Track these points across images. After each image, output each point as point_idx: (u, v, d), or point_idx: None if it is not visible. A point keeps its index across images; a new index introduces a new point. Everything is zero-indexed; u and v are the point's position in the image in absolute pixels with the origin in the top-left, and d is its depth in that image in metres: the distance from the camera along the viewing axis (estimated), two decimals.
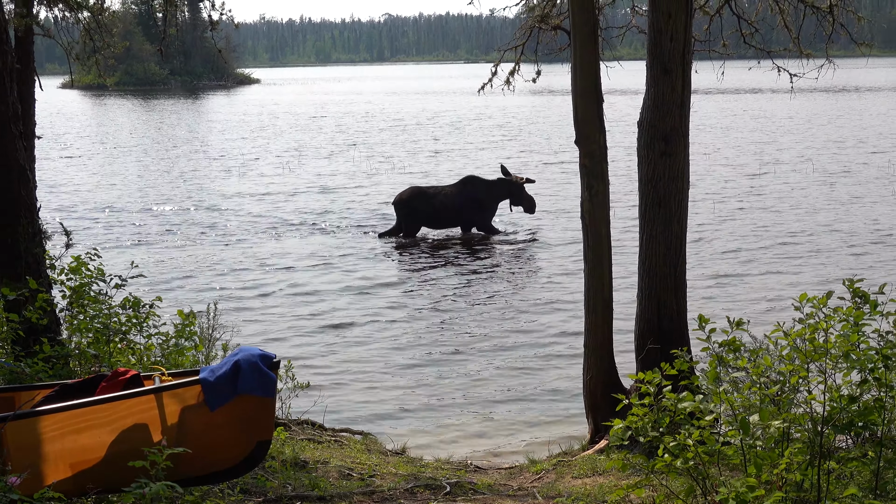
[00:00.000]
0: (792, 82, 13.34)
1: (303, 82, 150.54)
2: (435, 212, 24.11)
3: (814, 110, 61.90)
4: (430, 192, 24.45)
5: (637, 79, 10.51)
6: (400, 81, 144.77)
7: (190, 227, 26.10)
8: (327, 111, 75.01)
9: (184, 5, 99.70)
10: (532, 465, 9.98)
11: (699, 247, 22.06)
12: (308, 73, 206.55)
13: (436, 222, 24.43)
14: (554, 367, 14.51)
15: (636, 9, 13.27)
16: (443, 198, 24.15)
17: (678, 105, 9.91)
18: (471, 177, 25.38)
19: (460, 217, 24.36)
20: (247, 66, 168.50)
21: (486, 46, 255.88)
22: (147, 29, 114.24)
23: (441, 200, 24.10)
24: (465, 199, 24.17)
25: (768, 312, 16.19)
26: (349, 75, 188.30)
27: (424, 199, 24.13)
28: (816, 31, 13.00)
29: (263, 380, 6.89)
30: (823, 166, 35.22)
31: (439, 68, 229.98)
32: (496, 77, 13.33)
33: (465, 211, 24.25)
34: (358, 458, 9.68)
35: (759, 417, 6.08)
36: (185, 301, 17.34)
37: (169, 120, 68.20)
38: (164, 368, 7.86)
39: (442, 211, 24.08)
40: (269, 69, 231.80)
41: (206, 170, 38.90)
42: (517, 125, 56.69)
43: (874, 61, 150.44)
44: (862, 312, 6.49)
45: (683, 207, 10.20)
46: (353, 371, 14.46)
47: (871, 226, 24.21)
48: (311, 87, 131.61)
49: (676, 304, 10.27)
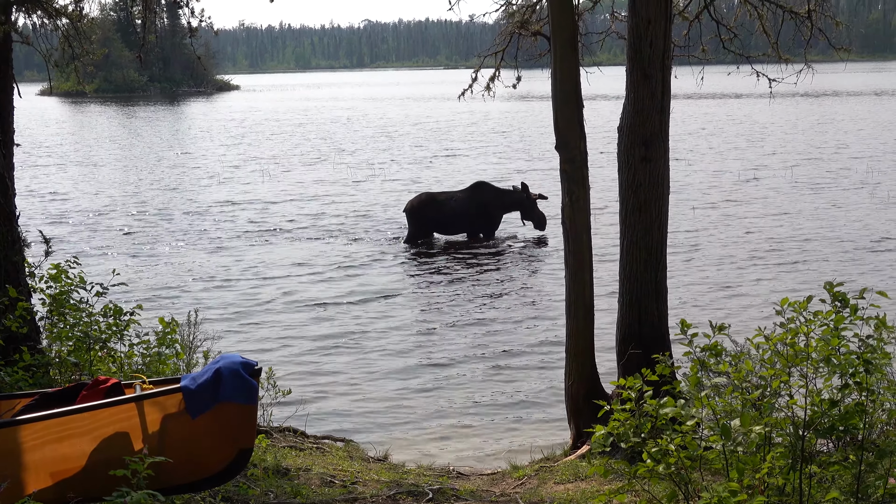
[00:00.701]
0: (771, 87, 13.38)
1: (283, 89, 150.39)
2: (446, 218, 24.21)
3: (795, 115, 62.14)
4: (442, 199, 24.53)
5: (617, 84, 10.52)
6: (381, 87, 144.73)
7: (172, 234, 26.04)
8: (311, 118, 74.86)
9: (163, 12, 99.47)
10: (514, 470, 9.99)
11: (688, 254, 22.12)
12: (288, 80, 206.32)
13: (447, 228, 24.55)
14: (536, 372, 14.53)
15: (616, 14, 13.29)
16: (454, 203, 24.27)
17: (658, 110, 9.93)
18: (481, 182, 25.46)
19: (471, 223, 24.40)
20: (226, 73, 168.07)
21: (466, 52, 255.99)
22: (126, 36, 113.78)
23: (452, 206, 24.21)
24: (475, 204, 24.26)
25: (755, 318, 16.21)
26: (329, 81, 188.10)
27: (436, 206, 24.23)
28: (795, 37, 13.04)
29: (245, 387, 6.86)
30: (807, 172, 35.27)
31: (419, 74, 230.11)
32: (476, 83, 13.32)
33: (474, 217, 24.31)
34: (340, 465, 9.67)
35: (740, 422, 6.09)
36: (168, 308, 17.31)
37: (149, 127, 68.00)
38: (145, 376, 7.83)
39: (453, 217, 24.21)
40: (249, 75, 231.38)
41: (187, 177, 38.80)
42: (501, 130, 56.72)
43: (852, 66, 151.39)
44: (842, 317, 6.50)
45: (664, 213, 10.22)
46: (335, 378, 14.44)
47: (859, 231, 24.25)
48: (291, 93, 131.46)
49: (657, 309, 10.28)
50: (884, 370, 8.01)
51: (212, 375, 6.81)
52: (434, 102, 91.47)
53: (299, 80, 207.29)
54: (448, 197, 24.65)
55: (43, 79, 78.84)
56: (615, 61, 10.20)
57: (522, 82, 14.17)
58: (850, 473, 6.37)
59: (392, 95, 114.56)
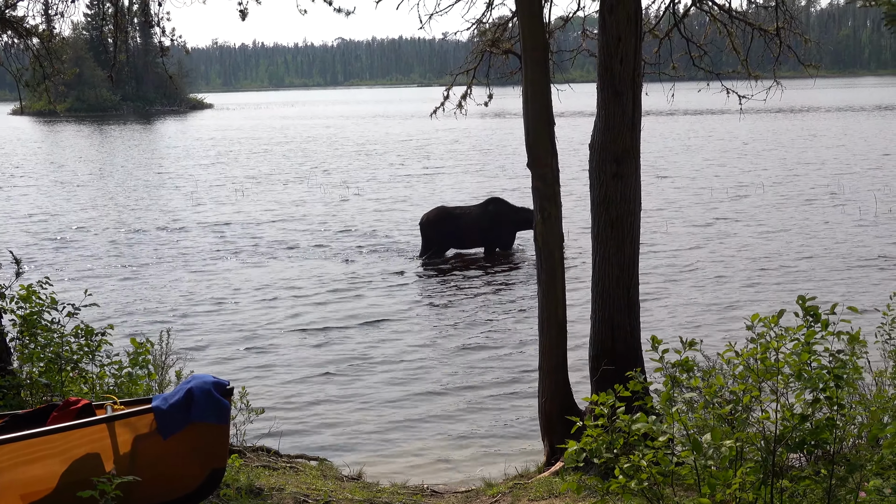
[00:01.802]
0: (741, 103, 13.48)
1: (256, 107, 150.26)
2: (461, 232, 24.28)
3: (767, 131, 62.52)
4: (457, 213, 24.63)
5: (589, 101, 10.55)
6: (356, 105, 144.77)
7: (147, 254, 25.91)
8: (288, 136, 74.79)
9: (135, 31, 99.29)
10: (488, 488, 9.97)
11: (671, 270, 22.20)
12: (262, 98, 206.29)
13: (462, 242, 24.63)
14: (511, 389, 14.53)
15: (587, 32, 13.36)
16: (468, 218, 24.37)
17: (629, 127, 9.97)
18: (496, 198, 25.60)
19: (485, 237, 24.45)
20: (199, 91, 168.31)
21: (440, 70, 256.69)
22: (98, 55, 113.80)
23: (466, 221, 24.30)
24: (488, 219, 24.34)
25: (736, 335, 16.28)
26: (303, 99, 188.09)
27: (451, 220, 24.34)
28: (765, 53, 13.14)
29: (217, 407, 6.84)
30: (785, 189, 35.37)
31: (394, 92, 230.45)
32: (449, 101, 13.36)
33: (489, 231, 24.39)
34: (313, 484, 9.63)
35: (711, 437, 6.11)
36: (141, 328, 17.25)
37: (124, 146, 67.82)
38: (117, 397, 7.80)
39: (468, 231, 24.29)
40: (223, 94, 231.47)
41: (163, 197, 38.69)
42: (483, 148, 56.82)
43: (823, 82, 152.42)
44: (813, 331, 6.53)
45: (636, 229, 10.26)
46: (309, 397, 14.40)
47: (842, 248, 24.29)
48: (265, 111, 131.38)
49: (630, 325, 10.31)
50: (855, 385, 8.06)
51: (183, 395, 6.78)
52: (414, 120, 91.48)
53: (273, 98, 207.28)
54: (463, 211, 24.78)
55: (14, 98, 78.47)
56: (589, 78, 10.25)
57: (497, 100, 14.22)
58: (821, 488, 6.40)
59: (368, 113, 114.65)
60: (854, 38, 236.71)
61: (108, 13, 11.02)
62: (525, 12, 10.10)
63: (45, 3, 11.48)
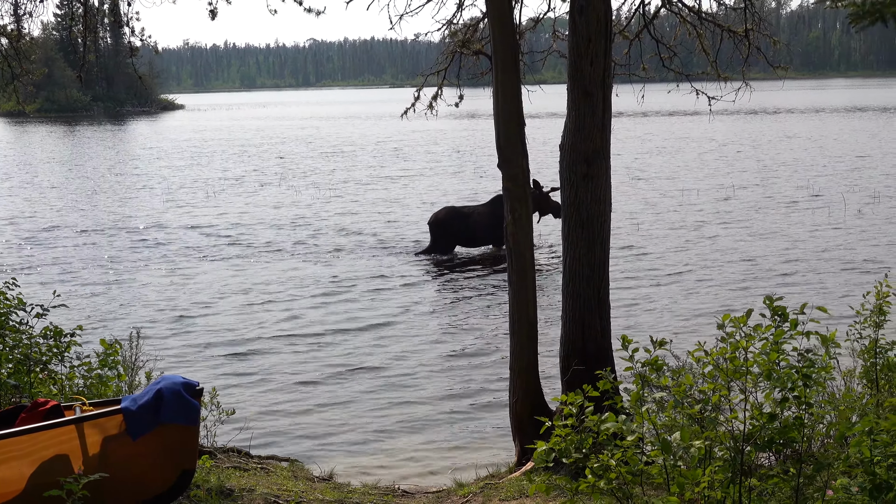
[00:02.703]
0: (710, 105, 13.54)
1: (228, 108, 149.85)
2: (470, 231, 24.33)
3: (743, 133, 62.85)
4: (465, 212, 24.75)
5: (561, 102, 10.59)
6: (329, 106, 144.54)
7: (118, 255, 25.79)
8: (264, 138, 74.53)
9: (105, 31, 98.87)
10: (459, 488, 9.98)
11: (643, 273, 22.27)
12: (233, 99, 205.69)
13: (470, 241, 24.70)
14: (483, 389, 14.54)
15: (557, 33, 13.39)
16: (477, 217, 24.47)
17: (599, 128, 10.00)
18: (501, 195, 25.60)
19: (493, 235, 24.51)
20: (171, 92, 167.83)
21: (412, 71, 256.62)
22: (68, 55, 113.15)
23: (475, 220, 24.36)
24: (497, 216, 24.39)
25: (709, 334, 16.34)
26: (275, 100, 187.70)
27: (460, 219, 24.42)
28: (734, 55, 13.20)
29: (186, 408, 6.84)
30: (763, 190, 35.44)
31: (366, 93, 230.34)
32: (419, 101, 13.35)
33: (496, 228, 24.45)
34: (284, 485, 9.61)
35: (680, 437, 6.14)
36: (112, 330, 17.18)
37: (97, 147, 67.51)
38: (86, 398, 7.77)
39: (477, 230, 24.36)
40: (194, 95, 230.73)
41: (135, 198, 38.51)
42: (460, 148, 56.86)
43: (793, 83, 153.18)
44: (782, 331, 6.58)
45: (606, 229, 10.28)
46: (280, 397, 14.36)
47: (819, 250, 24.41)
48: (237, 112, 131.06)
49: (600, 325, 10.33)
50: (824, 384, 8.12)
51: (153, 397, 6.78)
52: (388, 121, 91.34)
53: (245, 99, 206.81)
54: (470, 210, 24.88)
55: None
56: (561, 79, 10.28)
57: (469, 100, 14.23)
58: (789, 486, 6.43)
59: (342, 114, 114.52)
60: (824, 40, 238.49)
61: (78, 13, 10.94)
62: (495, 13, 10.11)
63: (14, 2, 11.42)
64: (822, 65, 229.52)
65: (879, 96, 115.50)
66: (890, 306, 9.27)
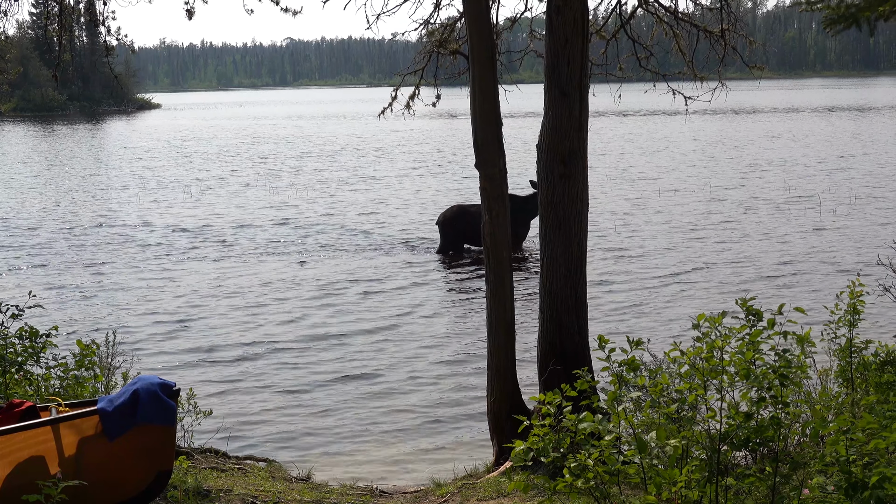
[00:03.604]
0: (687, 104, 13.59)
1: (205, 107, 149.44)
2: (477, 229, 24.35)
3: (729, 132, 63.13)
4: (473, 210, 24.76)
5: (539, 101, 10.61)
6: (307, 106, 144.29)
7: (97, 256, 25.66)
8: (243, 137, 74.29)
9: (81, 30, 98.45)
10: (437, 488, 9.98)
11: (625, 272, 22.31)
12: (210, 98, 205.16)
13: (478, 239, 24.69)
14: (461, 388, 14.54)
15: (534, 33, 13.40)
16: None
17: (576, 128, 10.02)
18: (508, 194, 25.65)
19: None
20: (147, 91, 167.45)
21: (389, 70, 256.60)
22: (44, 54, 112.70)
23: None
24: None
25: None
26: (252, 100, 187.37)
27: (468, 218, 24.46)
28: (710, 55, 13.25)
29: (163, 409, 6.82)
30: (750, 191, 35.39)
31: (343, 92, 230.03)
32: (396, 101, 13.34)
33: None
34: (262, 485, 9.60)
35: (656, 436, 6.16)
36: (89, 330, 17.11)
37: (72, 147, 67.19)
38: (62, 399, 7.74)
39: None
40: (171, 94, 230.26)
41: (115, 198, 38.34)
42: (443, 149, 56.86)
43: (769, 83, 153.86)
44: (759, 331, 6.60)
45: (583, 229, 10.31)
46: (258, 397, 14.34)
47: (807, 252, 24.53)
48: (215, 111, 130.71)
49: (578, 324, 10.36)
50: (800, 383, 8.15)
51: (129, 397, 6.76)
52: (369, 121, 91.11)
53: (222, 98, 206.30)
54: (478, 209, 24.82)
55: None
56: (539, 79, 10.33)
57: (447, 100, 14.21)
58: (765, 485, 6.46)
59: (321, 114, 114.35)
60: (800, 40, 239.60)
61: (53, 12, 10.89)
62: (472, 13, 10.12)
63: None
64: (798, 65, 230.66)
65: (855, 96, 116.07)
66: (864, 305, 9.32)
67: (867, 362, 9.16)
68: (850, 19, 4.85)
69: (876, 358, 9.05)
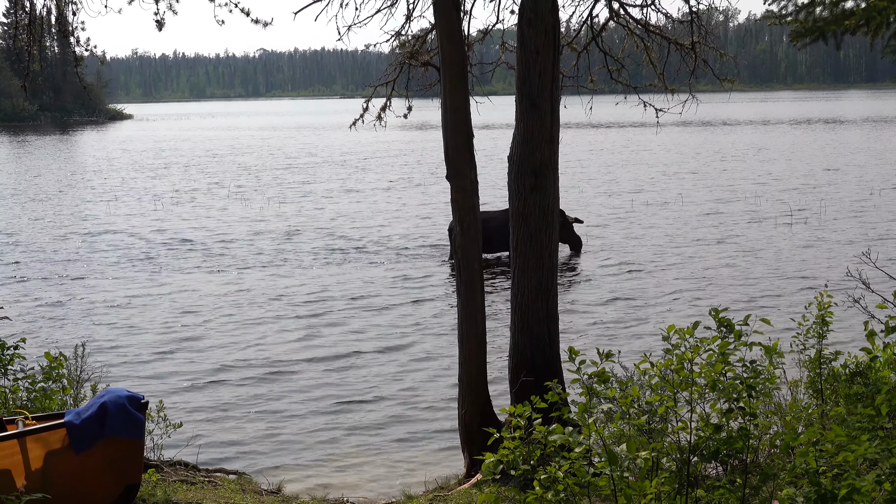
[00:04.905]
0: (658, 116, 13.62)
1: (177, 118, 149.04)
2: (489, 237, 24.30)
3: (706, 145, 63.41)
4: (483, 217, 24.55)
5: (512, 113, 10.62)
6: (280, 117, 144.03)
7: (68, 267, 25.50)
8: (218, 148, 74.06)
9: (52, 40, 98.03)
10: (408, 500, 9.95)
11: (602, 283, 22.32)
12: (183, 109, 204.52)
13: (487, 246, 24.60)
14: (434, 401, 14.51)
15: (506, 45, 13.41)
16: (494, 223, 24.35)
17: (547, 140, 10.04)
18: None
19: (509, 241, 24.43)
20: (119, 102, 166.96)
21: (362, 81, 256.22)
22: (14, 64, 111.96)
23: (492, 225, 24.28)
24: None
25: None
26: (225, 111, 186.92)
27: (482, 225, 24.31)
28: (681, 67, 13.29)
29: (131, 422, 6.77)
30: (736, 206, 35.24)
31: (316, 103, 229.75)
32: (368, 113, 13.30)
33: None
34: (232, 498, 9.54)
35: (626, 448, 6.16)
36: (58, 342, 16.99)
37: (42, 158, 66.83)
38: (29, 412, 7.68)
39: (492, 235, 24.22)
40: (143, 104, 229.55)
41: (88, 209, 38.07)
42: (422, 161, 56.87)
43: (741, 96, 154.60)
44: (727, 342, 6.62)
45: (554, 240, 10.32)
46: (228, 411, 14.26)
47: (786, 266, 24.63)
48: (187, 122, 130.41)
49: (549, 336, 10.36)
50: (770, 394, 8.17)
51: (97, 410, 6.71)
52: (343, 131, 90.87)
53: (194, 109, 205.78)
54: (489, 216, 24.78)
55: None
56: (511, 90, 10.36)
57: (420, 112, 14.19)
58: (735, 497, 6.47)
59: (294, 125, 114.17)
60: (771, 53, 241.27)
61: (23, 23, 10.84)
62: (444, 25, 10.12)
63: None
64: (769, 77, 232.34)
65: (827, 108, 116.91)
66: (832, 317, 9.36)
67: (837, 373, 9.18)
68: (816, 33, 4.88)
69: (845, 369, 9.08)
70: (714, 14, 45.25)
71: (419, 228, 30.78)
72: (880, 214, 31.78)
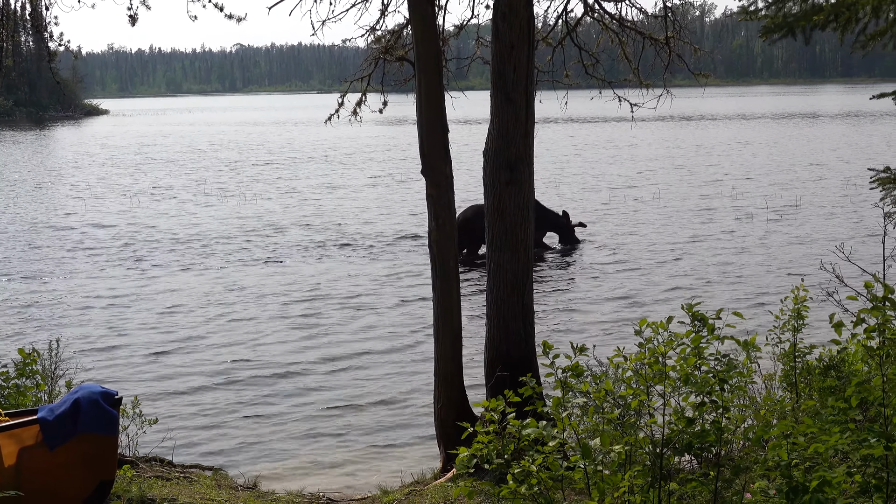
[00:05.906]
0: (633, 111, 13.66)
1: (154, 113, 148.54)
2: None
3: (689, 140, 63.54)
4: (478, 211, 24.59)
5: (486, 108, 10.63)
6: (257, 112, 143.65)
7: (45, 264, 25.40)
8: (197, 144, 73.77)
9: (27, 35, 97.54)
10: (384, 495, 9.96)
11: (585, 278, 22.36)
12: (159, 104, 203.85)
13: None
14: (410, 396, 14.52)
15: (481, 40, 13.41)
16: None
17: (522, 134, 10.04)
18: None
19: None
20: (95, 97, 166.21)
21: (339, 76, 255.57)
22: None
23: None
24: None
25: None
26: (202, 106, 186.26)
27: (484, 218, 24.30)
28: (657, 62, 13.33)
29: (105, 418, 6.76)
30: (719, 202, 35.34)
31: (294, 98, 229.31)
32: (343, 108, 13.27)
33: None
34: (207, 494, 9.52)
35: (600, 442, 6.18)
36: (32, 338, 16.93)
37: (17, 153, 66.54)
38: (1, 408, 7.65)
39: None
40: (119, 100, 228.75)
41: (65, 206, 37.93)
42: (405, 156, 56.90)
43: (718, 90, 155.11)
44: (700, 336, 6.64)
45: (529, 235, 10.34)
46: (204, 406, 14.25)
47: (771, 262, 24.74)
48: (164, 118, 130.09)
49: (524, 331, 10.37)
50: (745, 388, 8.21)
51: (70, 406, 6.69)
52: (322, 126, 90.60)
53: (171, 104, 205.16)
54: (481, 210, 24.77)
55: None
56: (487, 85, 10.36)
57: (396, 107, 14.17)
58: (707, 490, 6.50)
59: (271, 120, 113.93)
60: (747, 48, 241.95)
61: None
62: (418, 20, 10.11)
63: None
64: (746, 72, 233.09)
65: (804, 103, 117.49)
66: (808, 310, 9.41)
67: (811, 367, 9.23)
68: (786, 28, 4.91)
69: (820, 363, 9.13)
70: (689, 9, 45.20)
71: (402, 225, 30.71)
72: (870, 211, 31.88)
